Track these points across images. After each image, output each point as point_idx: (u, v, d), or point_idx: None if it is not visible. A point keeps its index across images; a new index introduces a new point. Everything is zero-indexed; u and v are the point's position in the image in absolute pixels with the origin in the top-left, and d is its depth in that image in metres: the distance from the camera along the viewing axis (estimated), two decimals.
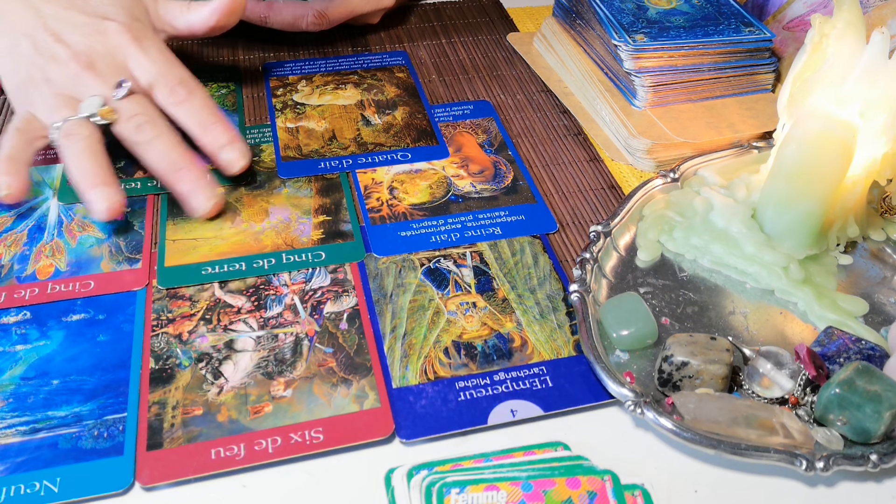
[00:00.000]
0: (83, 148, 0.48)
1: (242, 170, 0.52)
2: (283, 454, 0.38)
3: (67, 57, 0.50)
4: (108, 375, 0.42)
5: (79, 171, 0.48)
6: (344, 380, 0.42)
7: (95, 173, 0.47)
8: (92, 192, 0.47)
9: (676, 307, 0.47)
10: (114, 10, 0.53)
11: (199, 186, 0.50)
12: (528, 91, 0.66)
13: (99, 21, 0.52)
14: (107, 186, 0.47)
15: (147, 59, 0.51)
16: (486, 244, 0.51)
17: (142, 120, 0.50)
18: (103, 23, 0.52)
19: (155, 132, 0.50)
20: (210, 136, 0.51)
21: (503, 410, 0.41)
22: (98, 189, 0.47)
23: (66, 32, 0.51)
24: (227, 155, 0.51)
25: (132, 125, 0.49)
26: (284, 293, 0.47)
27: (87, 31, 0.51)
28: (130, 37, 0.52)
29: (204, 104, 0.52)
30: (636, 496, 0.37)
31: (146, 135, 0.49)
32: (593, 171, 0.57)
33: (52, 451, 0.38)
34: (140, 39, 0.52)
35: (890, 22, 0.58)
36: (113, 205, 0.47)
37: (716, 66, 0.60)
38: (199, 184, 0.50)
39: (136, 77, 0.51)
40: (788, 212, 0.48)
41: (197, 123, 0.51)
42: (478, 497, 0.36)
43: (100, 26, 0.51)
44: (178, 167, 0.49)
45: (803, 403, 0.41)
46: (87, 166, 0.48)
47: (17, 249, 0.49)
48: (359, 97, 0.63)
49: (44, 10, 0.51)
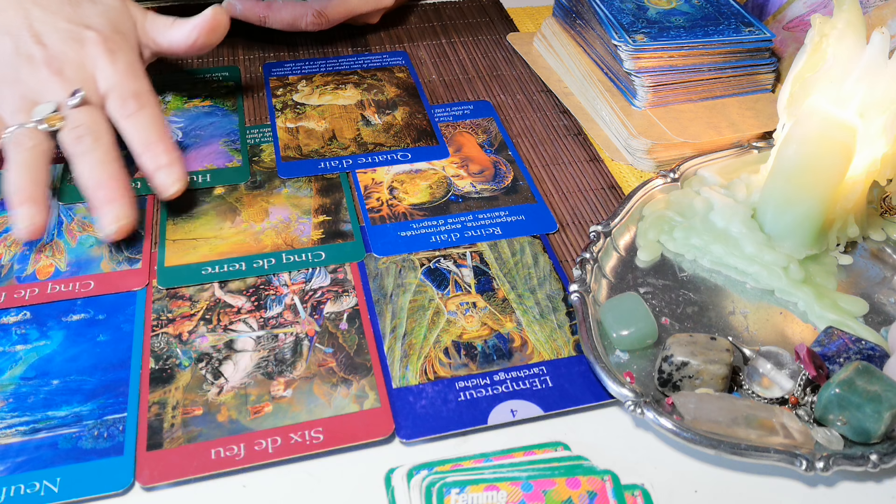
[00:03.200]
0: (24, 160, 0.47)
1: (176, 195, 0.50)
2: (283, 454, 0.38)
3: (41, 59, 0.50)
4: (108, 375, 0.42)
5: (12, 184, 0.46)
6: (344, 380, 0.42)
7: (26, 189, 0.46)
8: (18, 208, 0.46)
9: (676, 307, 0.47)
10: (98, 21, 0.52)
11: (110, 207, 0.47)
12: (528, 91, 0.66)
13: (80, 29, 0.51)
14: (31, 205, 0.46)
15: (111, 69, 0.51)
16: (486, 244, 0.51)
17: (83, 132, 0.48)
18: (83, 31, 0.51)
19: (92, 145, 0.48)
20: (148, 156, 0.49)
21: (503, 410, 0.41)
22: (24, 207, 0.46)
23: (47, 35, 0.50)
24: (162, 178, 0.49)
25: (73, 135, 0.48)
26: (284, 293, 0.47)
27: (65, 36, 0.51)
28: (104, 48, 0.51)
29: (151, 121, 0.50)
30: (636, 496, 0.37)
31: (82, 146, 0.48)
32: (593, 171, 0.57)
33: (52, 451, 0.38)
34: (113, 51, 0.51)
35: (890, 22, 0.58)
36: (33, 226, 0.45)
37: (716, 66, 0.60)
38: (112, 205, 0.47)
39: (98, 87, 0.51)
40: (788, 212, 0.48)
41: (139, 140, 0.50)
42: (478, 497, 0.36)
43: (79, 34, 0.51)
44: (100, 184, 0.47)
45: (803, 403, 0.41)
46: (21, 181, 0.46)
47: (18, 249, 0.49)
48: (359, 97, 0.63)
49: (33, 12, 0.51)
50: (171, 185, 0.49)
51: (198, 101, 0.62)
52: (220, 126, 0.59)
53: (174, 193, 0.50)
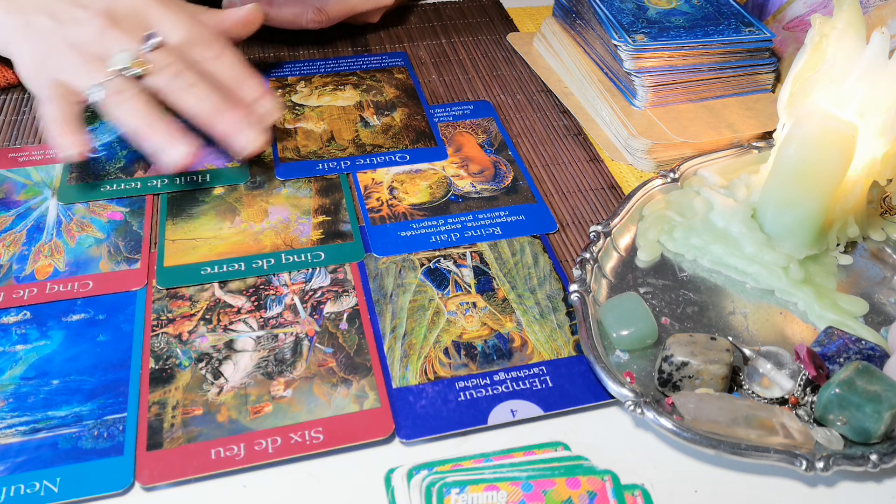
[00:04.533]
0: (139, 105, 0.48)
1: (276, 122, 0.54)
2: (283, 454, 0.38)
3: (89, 17, 0.50)
4: (108, 375, 0.42)
5: (146, 128, 0.48)
6: (344, 380, 0.42)
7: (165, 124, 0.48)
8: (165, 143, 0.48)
9: (676, 307, 0.47)
10: None
11: (243, 126, 0.50)
12: (528, 91, 0.66)
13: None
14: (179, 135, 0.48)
15: (175, 17, 0.52)
16: (486, 244, 0.51)
17: (179, 67, 0.50)
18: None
19: (195, 78, 0.50)
20: (247, 89, 0.53)
21: (503, 410, 0.41)
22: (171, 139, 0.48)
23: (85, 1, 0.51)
24: (265, 106, 0.53)
25: (169, 73, 0.49)
26: (284, 293, 0.47)
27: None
28: None
29: (238, 59, 0.53)
30: (636, 496, 0.37)
31: (185, 80, 0.50)
32: (593, 171, 0.57)
33: (52, 451, 0.38)
34: (164, 3, 0.52)
35: (890, 22, 0.58)
36: (189, 151, 0.48)
37: (716, 66, 0.60)
38: (244, 124, 0.50)
39: (164, 34, 0.51)
40: (788, 212, 0.48)
41: (233, 77, 0.52)
42: (478, 497, 0.36)
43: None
44: (222, 109, 0.50)
45: (803, 403, 0.41)
46: (153, 120, 0.48)
47: (16, 249, 0.49)
48: (357, 98, 0.63)
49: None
50: (272, 112, 0.53)
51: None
52: None
53: (275, 120, 0.54)
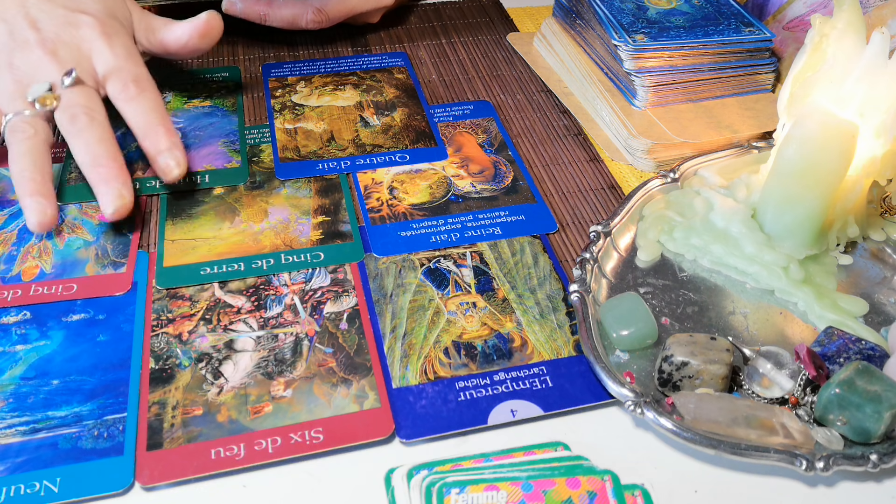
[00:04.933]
0: (26, 149, 0.47)
1: (177, 178, 0.50)
2: (283, 454, 0.38)
3: (35, 42, 0.50)
4: (108, 375, 0.42)
5: (18, 175, 0.47)
6: (344, 380, 0.42)
7: (33, 181, 0.46)
8: (27, 200, 0.46)
9: (676, 307, 0.47)
10: (94, 7, 0.53)
11: (111, 185, 0.47)
12: (528, 91, 0.66)
13: (75, 14, 0.52)
14: (41, 197, 0.46)
15: (109, 52, 0.51)
16: (486, 244, 0.50)
17: (78, 110, 0.48)
18: (79, 16, 0.52)
19: (87, 124, 0.48)
20: (151, 139, 0.50)
21: (503, 410, 0.41)
22: (33, 198, 0.46)
23: (42, 21, 0.51)
24: (164, 161, 0.50)
25: (68, 114, 0.48)
26: (284, 293, 0.47)
27: (60, 21, 0.51)
28: (100, 31, 0.51)
29: (153, 106, 0.51)
30: (636, 496, 0.37)
31: (78, 125, 0.48)
32: (593, 171, 0.57)
33: (52, 451, 0.38)
34: (110, 35, 0.52)
35: (890, 22, 0.58)
36: (45, 219, 0.46)
37: (716, 66, 0.60)
38: (113, 183, 0.47)
39: (95, 69, 0.51)
40: (788, 212, 0.48)
41: (141, 123, 0.50)
42: (478, 497, 0.36)
43: (74, 18, 0.51)
44: (98, 162, 0.47)
45: (803, 403, 0.41)
46: (26, 171, 0.47)
47: (6, 249, 0.49)
48: (357, 98, 0.63)
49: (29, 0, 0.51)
50: (173, 167, 0.50)
51: (198, 102, 0.62)
52: (219, 126, 0.59)
53: (176, 177, 0.50)
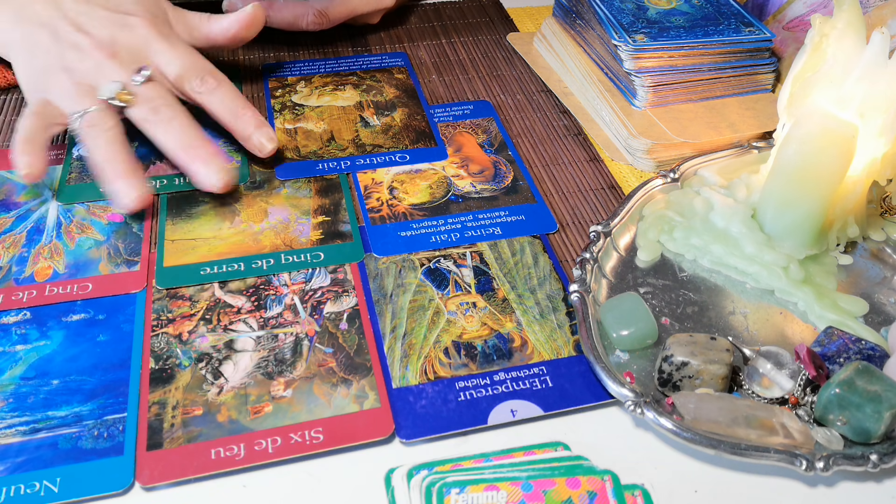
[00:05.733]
0: (109, 139, 0.49)
1: (272, 153, 0.54)
2: (283, 454, 0.38)
3: (90, 46, 0.51)
4: (108, 375, 0.42)
5: (105, 162, 0.49)
6: (344, 380, 0.42)
7: (123, 163, 0.49)
8: (118, 182, 0.48)
9: (676, 307, 0.47)
10: (135, 8, 0.54)
11: (211, 163, 0.51)
12: (528, 91, 0.66)
13: (122, 16, 0.53)
14: (133, 177, 0.49)
15: (174, 52, 0.53)
16: (486, 244, 0.51)
17: (160, 103, 0.51)
18: (126, 17, 0.53)
19: (172, 114, 0.51)
20: (241, 122, 0.53)
21: (503, 410, 0.41)
22: (124, 180, 0.49)
23: (88, 24, 0.52)
24: (257, 139, 0.53)
25: (149, 107, 0.51)
26: (284, 293, 0.47)
27: (109, 23, 0.52)
28: (156, 31, 0.53)
29: (234, 93, 0.54)
30: (636, 496, 0.37)
31: (162, 115, 0.51)
32: (593, 171, 0.57)
33: (52, 451, 0.38)
34: (165, 35, 0.53)
35: (890, 22, 0.58)
36: (140, 195, 0.49)
37: (716, 66, 0.60)
38: (212, 160, 0.51)
39: (161, 68, 0.53)
40: (788, 212, 0.48)
41: (228, 111, 0.53)
42: (478, 497, 0.36)
43: (123, 20, 0.53)
44: (191, 145, 0.51)
45: (803, 403, 0.41)
46: (114, 157, 0.49)
47: (16, 251, 0.49)
48: (357, 98, 0.63)
49: (64, 4, 0.52)
50: (266, 143, 0.54)
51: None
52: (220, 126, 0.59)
53: (271, 151, 0.54)
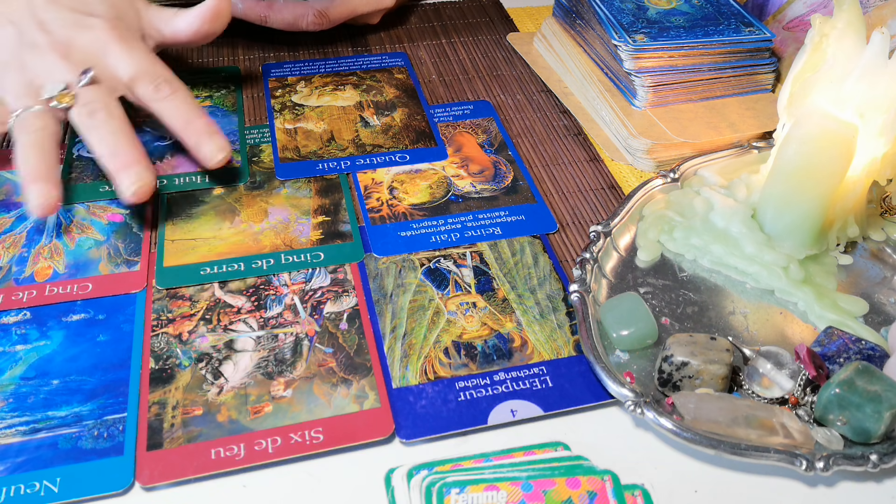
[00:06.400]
0: (33, 141, 0.48)
1: (221, 163, 0.52)
2: (283, 454, 0.38)
3: (46, 46, 0.51)
4: (108, 375, 0.42)
5: (23, 163, 0.48)
6: (344, 380, 0.42)
7: (38, 168, 0.47)
8: (30, 186, 0.47)
9: (676, 307, 0.47)
10: (102, 9, 0.53)
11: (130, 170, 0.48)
12: (528, 91, 0.66)
13: (84, 17, 0.52)
14: (45, 183, 0.47)
15: (130, 56, 0.52)
16: (486, 244, 0.51)
17: (96, 106, 0.50)
18: (89, 19, 0.52)
19: (105, 118, 0.49)
20: (190, 131, 0.51)
21: (503, 410, 0.41)
22: (37, 184, 0.47)
23: (51, 24, 0.52)
24: (207, 149, 0.51)
25: (86, 110, 0.49)
26: (284, 293, 0.47)
27: (70, 24, 0.52)
28: (115, 34, 0.52)
29: (187, 102, 0.52)
30: (636, 496, 0.37)
31: (96, 119, 0.49)
32: (593, 171, 0.57)
33: (52, 451, 0.38)
34: (124, 38, 0.52)
35: (890, 22, 0.58)
36: (48, 202, 0.47)
37: (716, 66, 0.60)
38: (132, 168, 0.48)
39: (115, 72, 0.52)
40: (788, 212, 0.48)
41: (180, 118, 0.52)
42: (478, 497, 0.36)
43: (85, 21, 0.52)
44: (116, 152, 0.49)
45: (803, 403, 0.41)
46: (32, 160, 0.48)
47: (16, 251, 0.49)
48: (357, 98, 0.63)
49: (36, 1, 0.52)
50: (216, 152, 0.51)
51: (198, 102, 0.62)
52: (219, 126, 0.59)
53: (220, 161, 0.52)
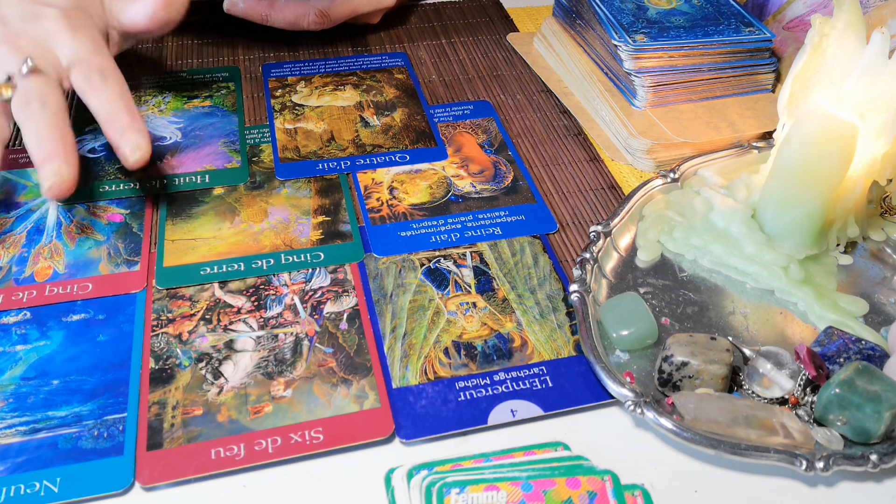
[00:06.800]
0: None
1: (138, 163, 0.49)
2: (283, 454, 0.38)
3: (2, 37, 0.50)
4: (108, 375, 0.42)
5: None
6: (344, 380, 0.42)
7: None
8: None
9: (676, 307, 0.47)
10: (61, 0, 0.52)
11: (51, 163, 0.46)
12: (528, 91, 0.66)
13: (39, 7, 0.51)
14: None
15: (73, 44, 0.51)
16: (486, 244, 0.51)
17: (30, 97, 0.48)
18: (44, 9, 0.51)
19: (38, 111, 0.48)
20: (112, 126, 0.49)
21: (503, 410, 0.41)
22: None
23: (10, 15, 0.51)
24: (124, 146, 0.49)
25: (21, 102, 0.48)
26: (284, 293, 0.47)
27: (25, 14, 0.51)
28: (65, 23, 0.51)
29: (117, 95, 0.50)
30: (636, 496, 0.37)
31: (28, 112, 0.48)
32: (593, 171, 0.57)
33: (52, 451, 0.38)
34: (75, 27, 0.51)
35: (890, 22, 0.58)
36: None
37: (716, 66, 0.60)
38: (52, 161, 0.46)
39: (59, 61, 0.50)
40: (788, 212, 0.48)
41: (103, 112, 0.49)
42: (478, 497, 0.36)
43: (38, 12, 0.51)
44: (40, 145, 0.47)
45: (803, 403, 0.41)
46: None
47: (16, 251, 0.49)
48: (358, 98, 0.63)
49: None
50: (131, 151, 0.48)
51: (198, 102, 0.62)
52: (219, 126, 0.59)
53: (136, 161, 0.49)
